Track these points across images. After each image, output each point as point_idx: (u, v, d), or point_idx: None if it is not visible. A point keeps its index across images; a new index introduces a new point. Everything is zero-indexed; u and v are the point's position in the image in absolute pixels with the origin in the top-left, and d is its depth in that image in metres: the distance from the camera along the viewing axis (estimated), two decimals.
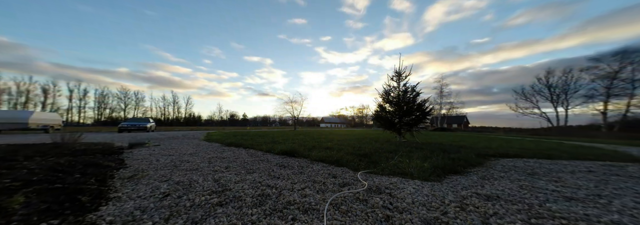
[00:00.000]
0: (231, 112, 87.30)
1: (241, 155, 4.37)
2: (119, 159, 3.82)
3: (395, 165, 3.27)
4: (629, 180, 2.88)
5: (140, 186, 2.23)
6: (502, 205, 1.85)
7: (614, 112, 28.90)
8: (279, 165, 3.39)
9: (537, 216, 1.63)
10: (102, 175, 2.56)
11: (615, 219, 1.61)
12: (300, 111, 36.51)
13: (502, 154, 4.97)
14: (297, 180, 2.52)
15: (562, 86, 33.53)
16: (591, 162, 4.45)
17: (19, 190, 1.82)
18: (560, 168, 3.65)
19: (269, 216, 1.56)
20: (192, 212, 1.61)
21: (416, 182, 2.51)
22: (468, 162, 3.70)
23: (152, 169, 3.06)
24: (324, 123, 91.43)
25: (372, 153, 4.48)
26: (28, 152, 3.73)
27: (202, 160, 3.74)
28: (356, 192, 2.12)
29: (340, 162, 3.59)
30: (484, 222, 1.53)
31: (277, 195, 2.00)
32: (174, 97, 70.22)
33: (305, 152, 4.45)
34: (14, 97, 44.75)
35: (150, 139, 8.29)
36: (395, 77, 8.32)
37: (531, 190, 2.31)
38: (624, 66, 27.41)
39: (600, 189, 2.42)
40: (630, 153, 6.27)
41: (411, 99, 7.86)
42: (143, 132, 15.23)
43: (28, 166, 2.64)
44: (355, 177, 2.75)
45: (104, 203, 1.75)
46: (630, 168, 3.80)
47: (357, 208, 1.72)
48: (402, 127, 8.00)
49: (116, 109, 60.27)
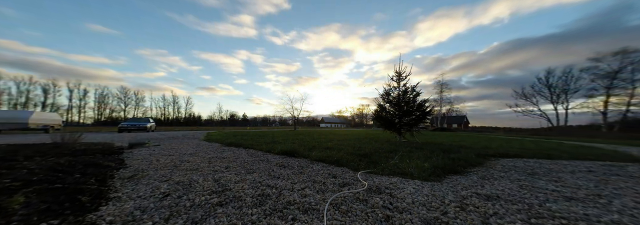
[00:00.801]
0: (231, 112, 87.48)
1: (241, 155, 4.37)
2: (119, 159, 3.82)
3: (395, 165, 3.27)
4: (629, 180, 2.88)
5: (140, 186, 2.23)
6: (502, 205, 1.85)
7: (614, 112, 28.94)
8: (279, 165, 3.39)
9: (537, 216, 1.63)
10: (102, 175, 2.56)
11: (615, 219, 1.61)
12: (300, 111, 36.51)
13: (502, 154, 4.97)
14: (297, 180, 2.52)
15: (562, 86, 33.57)
16: (591, 162, 4.45)
17: (19, 190, 1.82)
18: (560, 168, 3.65)
19: (269, 216, 1.56)
20: (192, 212, 1.61)
21: (416, 182, 2.51)
22: (468, 162, 3.70)
23: (152, 169, 3.06)
24: (324, 123, 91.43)
25: (372, 153, 4.48)
26: (28, 152, 3.73)
27: (202, 160, 3.74)
28: (356, 192, 2.12)
29: (340, 162, 3.59)
30: (484, 222, 1.53)
31: (277, 195, 2.00)
32: (173, 97, 70.36)
33: (305, 152, 4.45)
34: (14, 97, 44.84)
35: (150, 139, 8.29)
36: (395, 77, 8.32)
37: (531, 190, 2.31)
38: (624, 66, 27.43)
39: (600, 189, 2.42)
40: (630, 153, 6.27)
41: (411, 99, 7.86)
42: (143, 132, 15.23)
43: (28, 166, 2.64)
44: (355, 177, 2.75)
45: (104, 203, 1.75)
46: (630, 168, 3.80)
47: (357, 208, 1.72)
48: (402, 127, 8.00)
49: (116, 109, 60.39)
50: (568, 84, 32.99)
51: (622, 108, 28.03)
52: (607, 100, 29.09)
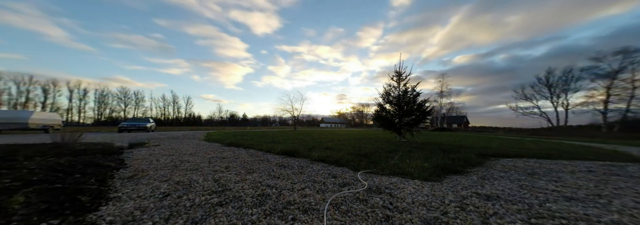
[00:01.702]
0: (231, 112, 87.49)
1: (241, 155, 4.37)
2: (119, 159, 3.82)
3: (395, 165, 3.27)
4: (629, 180, 2.88)
5: (140, 186, 2.23)
6: (502, 205, 1.85)
7: (614, 112, 28.95)
8: (279, 165, 3.39)
9: (537, 216, 1.63)
10: (102, 175, 2.56)
11: (615, 219, 1.61)
12: (301, 111, 36.51)
13: (502, 154, 4.97)
14: (297, 180, 2.52)
15: (562, 86, 33.58)
16: (591, 162, 4.45)
17: (19, 190, 1.82)
18: (560, 168, 3.65)
19: (269, 216, 1.56)
20: (192, 212, 1.61)
21: (416, 182, 2.51)
22: (468, 162, 3.70)
23: (152, 169, 3.06)
24: (324, 123, 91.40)
25: (372, 153, 4.48)
26: (28, 152, 3.73)
27: (202, 160, 3.74)
28: (356, 192, 2.11)
29: (340, 162, 3.59)
30: (484, 222, 1.53)
31: (277, 195, 2.00)
32: (173, 97, 70.29)
33: (305, 152, 4.45)
34: (14, 97, 44.83)
35: (150, 139, 8.29)
36: (395, 77, 8.32)
37: (531, 190, 2.31)
38: (624, 66, 27.44)
39: (600, 189, 2.42)
40: (630, 153, 6.27)
41: (411, 99, 7.86)
42: (143, 132, 15.22)
43: (28, 166, 2.64)
44: (355, 177, 2.74)
45: (104, 203, 1.75)
46: (630, 168, 3.80)
47: (357, 208, 1.72)
48: (402, 127, 8.01)
49: (116, 109, 60.39)
50: (568, 83, 33.04)
51: (622, 108, 28.08)
52: (607, 101, 29.13)
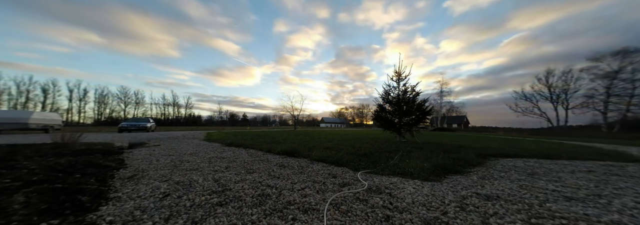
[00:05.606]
0: (231, 112, 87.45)
1: (241, 155, 4.37)
2: (119, 159, 3.81)
3: (395, 165, 3.27)
4: (629, 180, 2.88)
5: (140, 186, 2.23)
6: (502, 205, 1.85)
7: (614, 112, 28.95)
8: (279, 165, 3.39)
9: (537, 216, 1.63)
10: (102, 175, 2.55)
11: (615, 219, 1.61)
12: (300, 111, 36.52)
13: (502, 154, 4.97)
14: (297, 180, 2.52)
15: (562, 86, 33.59)
16: (591, 162, 4.45)
17: (19, 190, 1.82)
18: (560, 168, 3.65)
19: (269, 216, 1.56)
20: (192, 212, 1.61)
21: (416, 182, 2.51)
22: (468, 162, 3.70)
23: (152, 168, 3.06)
24: (323, 123, 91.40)
25: (372, 153, 4.48)
26: (28, 152, 3.73)
27: (202, 160, 3.74)
28: (356, 192, 2.11)
29: (340, 162, 3.59)
30: (484, 222, 1.53)
31: (277, 195, 2.00)
32: (174, 97, 70.22)
33: (305, 152, 4.45)
34: (14, 97, 44.82)
35: (150, 139, 8.29)
36: (395, 77, 8.32)
37: (531, 190, 2.31)
38: (624, 66, 27.43)
39: (600, 189, 2.42)
40: (630, 153, 6.27)
41: (411, 99, 7.86)
42: (143, 132, 15.22)
43: (28, 166, 2.64)
44: (355, 177, 2.74)
45: (104, 203, 1.75)
46: (630, 168, 3.80)
47: (357, 208, 1.72)
48: (402, 127, 8.00)
49: (116, 109, 60.34)
50: (568, 83, 33.04)
51: (622, 108, 28.07)
52: (607, 100, 29.12)
